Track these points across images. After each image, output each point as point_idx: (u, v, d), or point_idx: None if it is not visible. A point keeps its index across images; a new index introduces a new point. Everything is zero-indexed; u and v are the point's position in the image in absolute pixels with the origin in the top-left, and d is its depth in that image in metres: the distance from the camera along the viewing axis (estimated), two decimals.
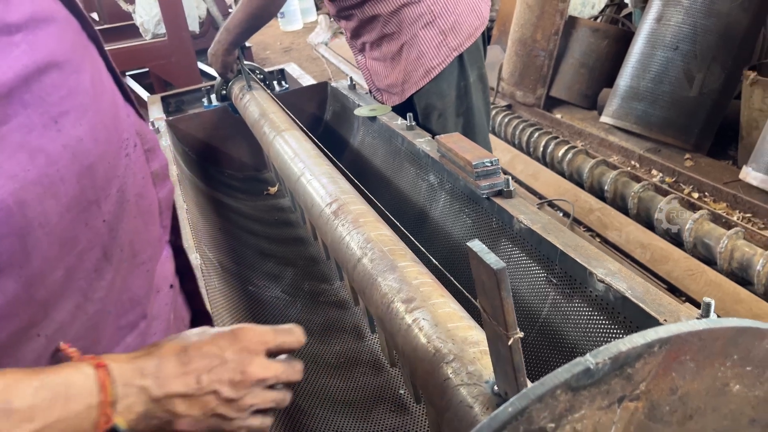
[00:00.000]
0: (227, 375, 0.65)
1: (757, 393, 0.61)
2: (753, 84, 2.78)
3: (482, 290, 0.73)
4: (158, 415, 0.61)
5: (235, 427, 0.67)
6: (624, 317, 1.12)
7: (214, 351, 0.65)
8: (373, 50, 2.06)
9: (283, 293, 1.71)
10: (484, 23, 2.00)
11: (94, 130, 0.59)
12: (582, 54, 3.65)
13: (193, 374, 0.63)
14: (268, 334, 0.70)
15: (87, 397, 0.56)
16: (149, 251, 0.72)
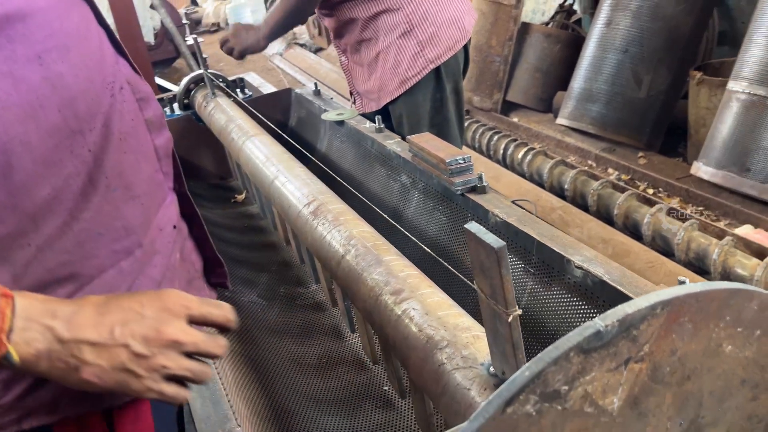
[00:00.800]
0: (141, 330, 0.65)
1: (747, 354, 0.65)
2: (699, 84, 2.91)
3: (480, 271, 0.75)
4: (64, 359, 0.61)
5: (144, 388, 0.65)
6: (603, 301, 1.16)
7: (133, 306, 0.66)
8: (353, 53, 2.06)
9: (260, 297, 1.70)
10: (465, 36, 1.97)
11: (76, 68, 0.68)
12: (536, 59, 3.75)
13: (107, 324, 0.64)
14: (193, 301, 0.70)
15: None
16: (144, 187, 0.79)
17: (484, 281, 0.75)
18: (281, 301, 1.73)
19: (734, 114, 2.58)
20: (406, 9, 1.88)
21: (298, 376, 1.42)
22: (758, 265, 2.16)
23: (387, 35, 1.91)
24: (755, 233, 2.46)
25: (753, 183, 2.50)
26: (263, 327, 1.57)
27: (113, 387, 0.64)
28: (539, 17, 4.38)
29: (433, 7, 1.90)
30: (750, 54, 2.55)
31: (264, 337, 1.53)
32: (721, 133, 2.62)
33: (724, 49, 3.45)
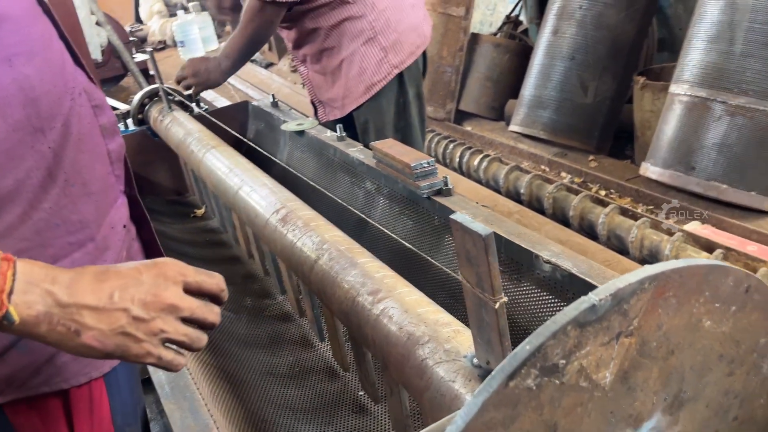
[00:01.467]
0: (140, 295, 0.67)
1: (724, 329, 0.68)
2: (643, 88, 3.03)
3: (466, 261, 0.76)
4: (64, 323, 0.63)
5: (143, 351, 0.67)
6: (573, 293, 1.19)
7: (131, 273, 0.69)
8: (313, 63, 2.07)
9: (226, 310, 1.67)
10: (425, 42, 2.03)
11: (41, 72, 0.74)
12: (486, 68, 3.83)
13: (106, 290, 0.66)
14: (188, 269, 0.73)
15: None
16: (98, 186, 0.84)
17: (470, 270, 0.76)
18: (248, 313, 1.71)
19: (677, 116, 2.69)
20: (369, 16, 1.91)
21: (271, 386, 1.40)
22: (708, 258, 2.25)
23: (351, 43, 1.94)
24: (702, 228, 2.56)
25: (698, 180, 2.61)
26: (233, 339, 1.55)
27: (113, 351, 0.66)
28: (487, 28, 4.49)
29: (395, 14, 1.95)
30: (690, 58, 2.67)
31: (235, 349, 1.50)
32: (666, 134, 2.73)
33: (664, 54, 3.60)
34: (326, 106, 2.15)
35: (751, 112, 2.49)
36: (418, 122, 2.08)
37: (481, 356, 0.84)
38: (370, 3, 1.92)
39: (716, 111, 2.56)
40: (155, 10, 7.74)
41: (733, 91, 2.52)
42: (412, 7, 2.01)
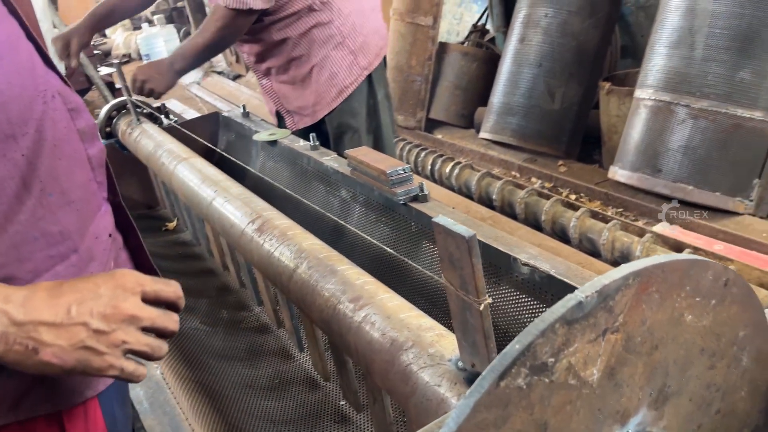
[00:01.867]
0: (99, 308, 0.66)
1: (704, 323, 0.69)
2: (609, 93, 3.09)
3: (449, 263, 0.76)
4: (20, 341, 0.62)
5: (105, 364, 0.66)
6: (551, 295, 1.20)
7: (88, 286, 0.67)
8: (279, 74, 2.08)
9: (202, 324, 1.65)
10: (386, 44, 2.10)
11: (8, 75, 0.71)
12: (455, 77, 3.87)
13: (63, 305, 0.65)
14: (145, 278, 0.72)
15: None
16: (79, 194, 0.80)
17: (453, 273, 0.76)
18: (225, 325, 1.68)
19: (643, 120, 2.75)
20: (336, 21, 1.95)
21: (252, 398, 1.38)
22: None
23: (321, 49, 1.97)
24: (671, 229, 2.62)
25: (665, 182, 2.66)
26: (210, 352, 1.52)
27: (74, 366, 0.65)
28: (454, 37, 4.53)
29: (359, 18, 2.00)
30: (653, 63, 2.73)
31: (212, 363, 1.48)
32: (633, 138, 2.79)
33: (627, 61, 3.68)
34: (295, 115, 2.15)
35: (713, 114, 2.56)
36: (389, 123, 2.12)
37: (466, 359, 0.84)
38: (336, 8, 1.95)
39: (680, 114, 2.62)
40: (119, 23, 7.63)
41: (695, 95, 2.59)
42: (372, 11, 2.08)
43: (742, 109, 2.52)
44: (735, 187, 2.57)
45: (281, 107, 2.19)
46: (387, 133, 2.14)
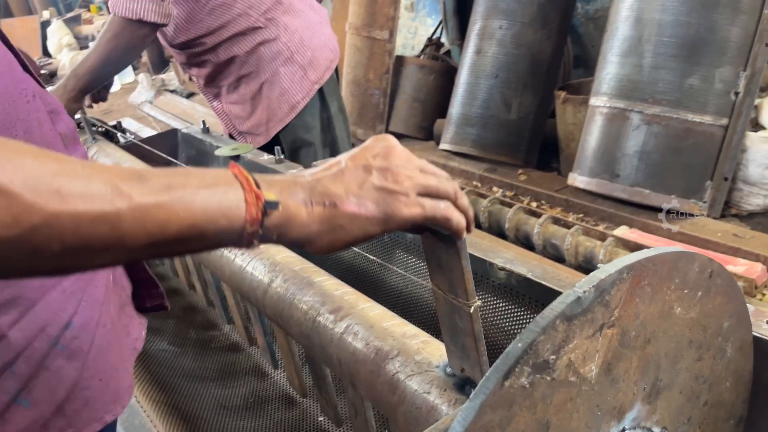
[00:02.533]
0: (373, 151, 0.64)
1: (692, 315, 0.70)
2: (564, 102, 3.16)
3: (437, 268, 0.75)
4: (317, 200, 0.59)
5: (411, 202, 0.63)
6: (530, 298, 1.21)
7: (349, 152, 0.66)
8: (230, 94, 2.06)
9: (170, 345, 1.59)
10: (337, 56, 2.09)
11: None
12: (413, 89, 3.90)
13: (334, 164, 0.63)
14: None
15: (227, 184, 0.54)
16: None
17: (442, 277, 0.75)
18: (194, 346, 1.63)
19: (599, 126, 2.82)
20: (283, 37, 1.94)
21: (227, 419, 1.34)
22: None
23: (269, 65, 1.95)
24: (630, 233, 2.68)
25: (623, 187, 2.73)
26: (181, 374, 1.47)
27: (378, 213, 0.61)
28: (410, 51, 4.57)
29: (306, 32, 1.99)
30: (606, 72, 2.81)
31: (184, 385, 1.43)
32: (590, 144, 2.85)
33: (580, 70, 3.78)
34: (248, 136, 2.13)
35: (666, 120, 2.64)
36: (345, 136, 2.11)
37: (454, 364, 0.83)
38: (282, 24, 1.94)
39: (634, 120, 2.70)
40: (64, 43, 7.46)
41: (648, 101, 2.67)
42: (319, 24, 2.06)
43: (692, 114, 2.61)
44: (689, 189, 2.65)
45: (233, 129, 2.17)
46: (344, 146, 2.12)
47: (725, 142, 2.60)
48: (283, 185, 0.58)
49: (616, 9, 2.82)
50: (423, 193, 0.64)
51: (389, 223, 0.63)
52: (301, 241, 0.60)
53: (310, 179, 0.60)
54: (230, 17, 1.90)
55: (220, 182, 0.53)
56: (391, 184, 0.62)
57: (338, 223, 0.60)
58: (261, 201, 0.54)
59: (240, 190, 0.54)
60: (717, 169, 2.63)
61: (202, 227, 0.51)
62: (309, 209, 0.59)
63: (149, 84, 6.05)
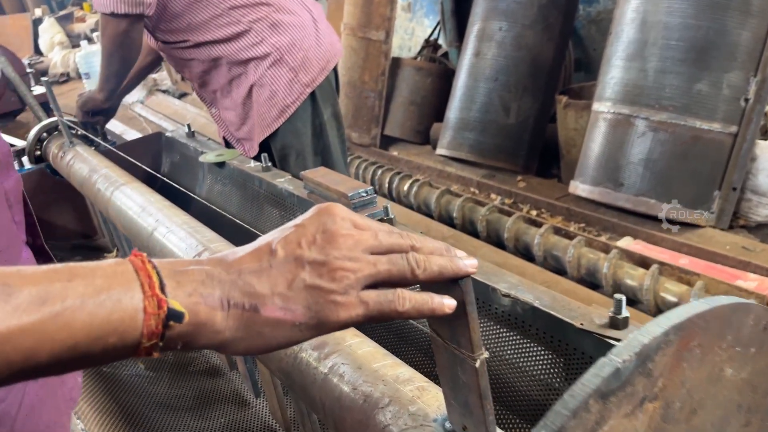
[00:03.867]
0: (307, 237, 0.53)
1: (743, 375, 0.59)
2: (566, 107, 3.04)
3: None
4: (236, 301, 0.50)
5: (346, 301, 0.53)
6: (537, 329, 1.09)
7: (285, 228, 0.55)
8: (224, 99, 1.95)
9: (146, 369, 1.47)
10: (335, 56, 1.96)
11: None
12: (409, 92, 3.78)
13: (263, 249, 0.53)
14: (360, 217, 0.59)
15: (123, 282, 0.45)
16: (4, 241, 0.67)
17: (441, 322, 0.64)
18: (171, 370, 1.51)
19: (603, 133, 2.71)
20: (270, 40, 1.83)
21: None
22: (645, 274, 2.24)
23: (257, 67, 1.83)
24: (635, 244, 2.57)
25: (627, 196, 2.62)
26: (153, 403, 1.35)
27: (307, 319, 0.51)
28: (406, 53, 4.46)
29: (298, 32, 1.87)
30: (610, 76, 2.69)
31: (156, 416, 1.31)
32: (593, 151, 2.74)
33: (581, 74, 3.67)
34: (245, 143, 2.02)
35: (673, 127, 2.53)
36: (338, 143, 1.98)
37: (455, 420, 0.72)
38: (270, 23, 1.83)
39: (640, 127, 2.59)
40: (56, 41, 7.31)
41: (654, 107, 2.56)
42: (314, 22, 1.94)
43: (700, 121, 2.50)
44: (696, 199, 2.54)
45: (231, 137, 2.07)
46: (336, 154, 2.00)
47: (734, 150, 2.49)
48: (197, 280, 0.49)
49: (620, 11, 2.71)
50: (369, 279, 0.54)
51: (322, 329, 0.53)
52: (211, 348, 0.51)
53: (231, 273, 0.51)
54: (212, 14, 1.79)
55: (114, 284, 0.45)
56: (326, 282, 0.52)
57: (258, 330, 0.51)
58: (164, 310, 0.46)
59: (139, 294, 0.45)
60: (725, 179, 2.52)
61: (86, 349, 0.43)
62: (224, 312, 0.49)
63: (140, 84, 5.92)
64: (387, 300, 0.55)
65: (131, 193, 1.59)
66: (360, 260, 0.54)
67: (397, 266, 0.56)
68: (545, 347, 1.09)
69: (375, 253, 0.56)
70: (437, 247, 0.60)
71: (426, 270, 0.57)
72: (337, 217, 0.56)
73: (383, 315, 0.55)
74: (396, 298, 0.56)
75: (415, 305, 0.57)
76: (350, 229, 0.55)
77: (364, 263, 0.54)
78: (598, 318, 1.03)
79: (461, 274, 0.59)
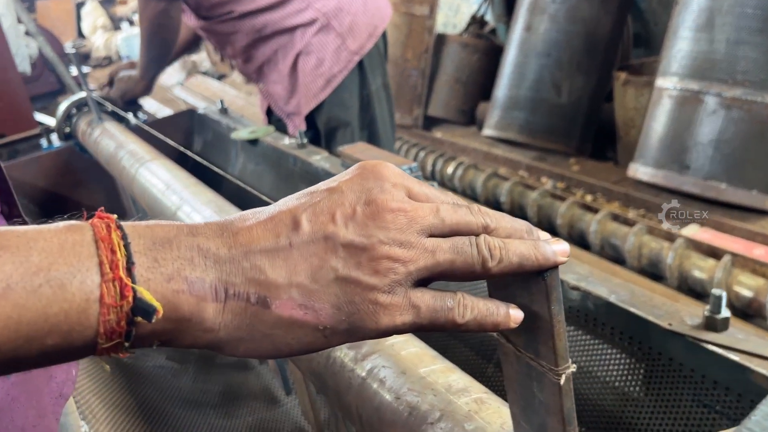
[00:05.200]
0: (343, 209, 0.39)
1: None
2: (625, 84, 2.82)
3: None
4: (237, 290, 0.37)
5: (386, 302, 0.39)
6: (612, 329, 0.93)
7: (316, 190, 0.42)
8: (270, 73, 1.84)
9: (169, 360, 1.36)
10: (384, 20, 1.84)
11: None
12: (455, 70, 3.60)
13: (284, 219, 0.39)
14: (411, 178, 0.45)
15: None
16: None
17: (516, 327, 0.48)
18: (196, 362, 1.40)
19: (667, 111, 2.49)
20: (316, 4, 1.72)
21: None
22: (715, 266, 2.04)
23: (303, 34, 1.71)
24: (702, 232, 2.35)
25: (694, 180, 2.40)
26: (176, 398, 1.24)
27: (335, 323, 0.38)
28: (451, 30, 4.26)
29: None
30: (677, 49, 2.46)
31: (177, 412, 1.19)
32: (656, 132, 2.52)
33: (640, 51, 3.43)
34: (295, 117, 1.89)
35: (748, 104, 2.29)
36: (387, 116, 1.85)
37: None
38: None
39: (710, 104, 2.36)
40: (99, 24, 7.35)
41: (727, 83, 2.32)
42: None
43: None
44: None
45: (281, 112, 1.95)
46: (384, 128, 1.87)
47: None
48: (183, 257, 0.36)
49: None
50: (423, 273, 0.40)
51: (353, 336, 0.40)
52: (200, 348, 0.38)
53: (234, 249, 0.37)
54: None
55: (58, 261, 0.33)
56: (365, 274, 0.38)
57: (265, 331, 0.37)
58: (128, 300, 0.33)
59: (95, 276, 0.33)
60: None
61: (12, 354, 0.32)
62: (218, 305, 0.36)
63: (180, 66, 5.88)
64: (445, 307, 0.41)
65: (157, 169, 1.48)
66: (414, 246, 0.39)
67: (463, 255, 0.41)
68: (622, 350, 0.93)
69: (434, 235, 0.41)
70: (517, 227, 0.45)
71: (502, 261, 0.42)
72: (387, 182, 0.41)
73: (435, 325, 0.41)
74: (457, 305, 0.41)
75: (477, 317, 0.42)
76: (403, 201, 0.40)
77: (419, 250, 0.39)
78: (689, 317, 0.86)
79: (548, 264, 0.43)
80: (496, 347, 1.16)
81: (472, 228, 0.42)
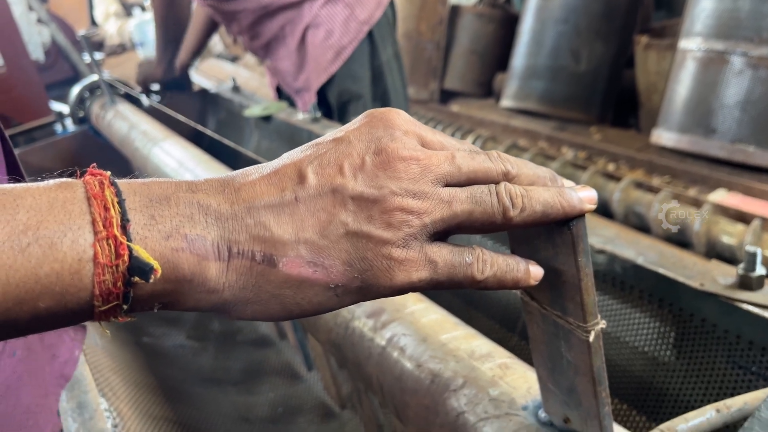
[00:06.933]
0: (351, 159, 0.37)
1: None
2: (647, 48, 2.74)
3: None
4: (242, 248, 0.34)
5: (402, 257, 0.36)
6: (640, 291, 0.89)
7: (322, 140, 0.40)
8: (278, 48, 1.80)
9: (189, 339, 1.35)
10: None
11: None
12: (470, 41, 3.53)
13: (288, 172, 0.37)
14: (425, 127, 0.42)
15: None
16: None
17: (541, 283, 0.45)
18: (216, 340, 1.39)
19: (691, 74, 2.41)
20: None
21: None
22: (745, 231, 1.97)
23: (311, 6, 1.67)
24: (730, 197, 2.29)
25: (721, 144, 2.32)
26: (196, 377, 1.23)
27: (347, 280, 0.36)
28: (465, 0, 4.18)
29: None
30: (701, 8, 2.38)
31: (198, 391, 1.18)
32: (680, 95, 2.45)
33: (661, 14, 3.33)
34: (305, 94, 1.86)
35: None
36: (399, 87, 1.81)
37: (554, 410, 0.54)
38: None
39: (736, 65, 2.27)
40: (111, 12, 7.34)
41: (753, 41, 2.24)
42: None
43: None
44: None
45: (290, 89, 1.92)
46: (397, 99, 1.83)
47: None
48: (182, 214, 0.33)
49: None
50: (438, 225, 0.37)
51: (366, 294, 0.37)
52: (204, 311, 0.36)
53: (237, 205, 0.35)
54: None
55: (48, 219, 0.31)
56: (377, 228, 0.36)
57: (273, 291, 0.35)
58: (124, 259, 0.31)
59: (88, 234, 0.31)
60: None
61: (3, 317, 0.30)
62: (222, 263, 0.34)
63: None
64: (463, 263, 0.38)
65: (170, 148, 1.46)
66: (429, 196, 0.36)
67: (482, 205, 0.38)
68: (651, 314, 0.89)
69: (450, 185, 0.38)
70: (540, 174, 0.42)
71: (525, 211, 0.38)
72: (398, 129, 0.38)
73: (453, 282, 0.38)
74: (476, 260, 0.38)
75: (497, 272, 0.39)
76: (416, 149, 0.37)
77: (434, 201, 0.37)
78: (722, 277, 0.82)
79: (574, 212, 0.40)
80: (519, 317, 1.14)
81: (491, 175, 0.40)
